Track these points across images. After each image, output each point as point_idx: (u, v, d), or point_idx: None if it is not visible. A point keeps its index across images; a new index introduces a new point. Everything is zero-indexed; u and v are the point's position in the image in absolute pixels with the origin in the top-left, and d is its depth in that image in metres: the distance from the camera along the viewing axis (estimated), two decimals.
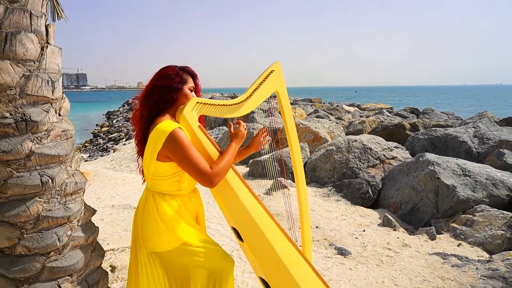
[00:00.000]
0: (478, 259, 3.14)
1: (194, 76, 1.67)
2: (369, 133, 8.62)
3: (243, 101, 1.70)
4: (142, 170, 1.66)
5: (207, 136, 1.62)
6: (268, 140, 1.92)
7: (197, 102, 1.57)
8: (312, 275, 1.97)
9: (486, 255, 3.36)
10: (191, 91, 1.62)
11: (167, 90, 1.54)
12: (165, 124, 1.46)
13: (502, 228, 3.50)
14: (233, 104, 1.67)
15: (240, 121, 1.73)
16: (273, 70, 1.78)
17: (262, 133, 1.89)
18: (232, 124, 1.77)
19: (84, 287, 1.57)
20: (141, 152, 1.61)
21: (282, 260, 1.82)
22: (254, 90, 1.72)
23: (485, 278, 2.68)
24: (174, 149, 1.43)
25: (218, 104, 1.63)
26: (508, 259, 2.83)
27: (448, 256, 3.25)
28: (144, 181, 1.68)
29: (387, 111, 13.58)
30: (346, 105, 17.08)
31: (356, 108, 15.18)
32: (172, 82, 1.55)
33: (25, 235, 1.42)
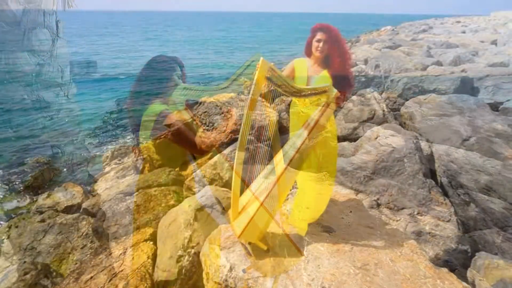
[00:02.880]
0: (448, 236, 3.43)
1: (181, 66, 1.97)
2: None
3: (225, 87, 1.96)
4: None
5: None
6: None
7: (184, 88, 1.86)
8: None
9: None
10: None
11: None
12: (156, 105, 1.78)
13: None
14: (218, 89, 1.95)
15: None
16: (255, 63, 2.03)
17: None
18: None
19: None
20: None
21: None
22: (234, 80, 1.98)
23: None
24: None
25: (201, 90, 1.90)
26: None
27: (423, 233, 3.54)
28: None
29: None
30: None
31: None
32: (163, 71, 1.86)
33: None
